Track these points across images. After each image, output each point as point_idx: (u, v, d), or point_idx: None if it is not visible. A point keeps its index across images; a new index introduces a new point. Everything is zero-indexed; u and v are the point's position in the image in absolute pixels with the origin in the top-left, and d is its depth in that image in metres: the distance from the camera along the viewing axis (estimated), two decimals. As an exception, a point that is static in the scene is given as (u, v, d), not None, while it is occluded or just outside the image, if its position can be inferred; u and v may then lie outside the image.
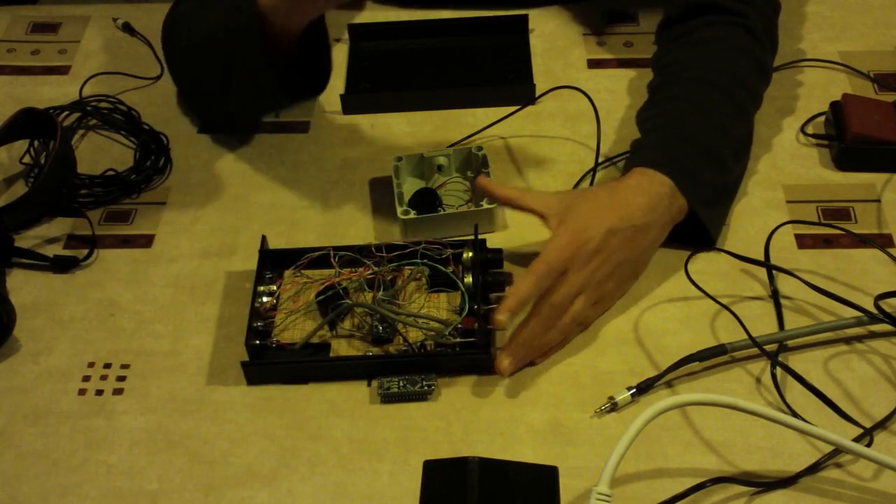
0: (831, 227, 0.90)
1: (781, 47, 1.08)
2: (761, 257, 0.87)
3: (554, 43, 1.11)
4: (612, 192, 0.82)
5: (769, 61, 0.98)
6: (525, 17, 1.12)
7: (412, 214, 0.90)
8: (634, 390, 0.79)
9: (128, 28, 1.13)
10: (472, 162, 0.94)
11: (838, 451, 0.74)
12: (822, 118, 1.00)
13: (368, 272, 0.84)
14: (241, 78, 0.93)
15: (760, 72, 0.96)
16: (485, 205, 0.89)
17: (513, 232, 0.92)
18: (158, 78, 1.10)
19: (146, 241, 0.94)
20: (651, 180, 0.83)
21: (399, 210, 0.90)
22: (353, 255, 0.85)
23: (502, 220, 0.92)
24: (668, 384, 0.80)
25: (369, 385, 0.81)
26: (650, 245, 0.84)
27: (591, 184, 0.94)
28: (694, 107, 0.89)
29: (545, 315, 0.79)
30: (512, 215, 0.93)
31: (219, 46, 0.93)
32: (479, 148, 0.93)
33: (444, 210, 0.91)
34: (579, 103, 1.01)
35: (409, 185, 0.94)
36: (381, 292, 0.83)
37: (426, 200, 0.91)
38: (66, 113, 1.05)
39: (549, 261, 0.78)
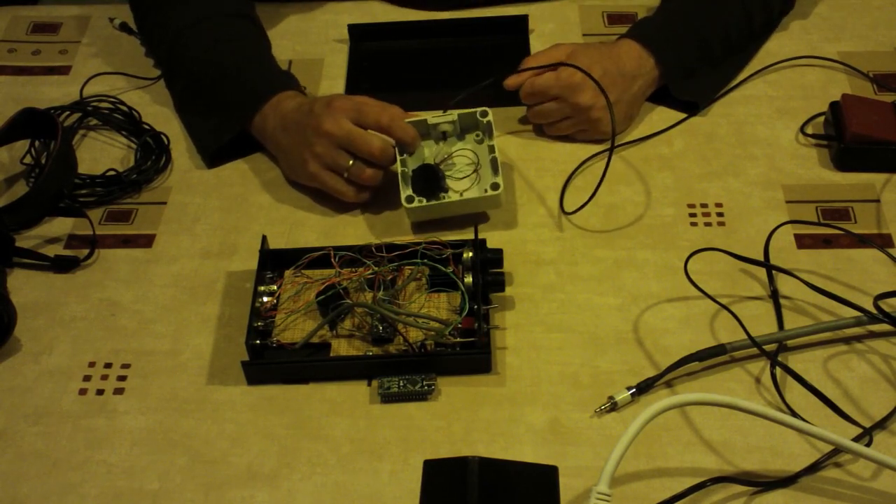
0: (831, 227, 0.90)
1: (781, 47, 1.08)
2: (761, 257, 0.87)
3: (554, 43, 1.11)
4: (610, 48, 0.99)
5: None
6: (525, 18, 1.12)
7: (415, 203, 0.89)
8: (634, 390, 0.79)
9: (125, 28, 1.13)
10: (478, 129, 0.93)
11: (838, 450, 0.74)
12: (822, 118, 1.00)
13: (368, 272, 0.84)
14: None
15: None
16: (489, 191, 0.89)
17: (513, 233, 0.92)
18: (159, 78, 1.10)
19: (147, 241, 0.94)
20: (640, 51, 0.99)
21: (403, 196, 0.89)
22: (353, 255, 0.85)
23: (506, 202, 0.93)
24: (668, 384, 0.80)
25: (369, 385, 0.81)
26: (638, 93, 0.99)
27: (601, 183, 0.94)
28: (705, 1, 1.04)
29: (553, 108, 0.96)
30: (523, 217, 0.93)
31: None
32: (485, 113, 0.91)
33: (447, 192, 0.90)
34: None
35: (414, 154, 0.92)
36: (381, 292, 0.83)
37: (430, 179, 0.90)
38: (67, 113, 1.05)
39: (561, 77, 0.95)
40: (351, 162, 0.90)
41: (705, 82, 1.03)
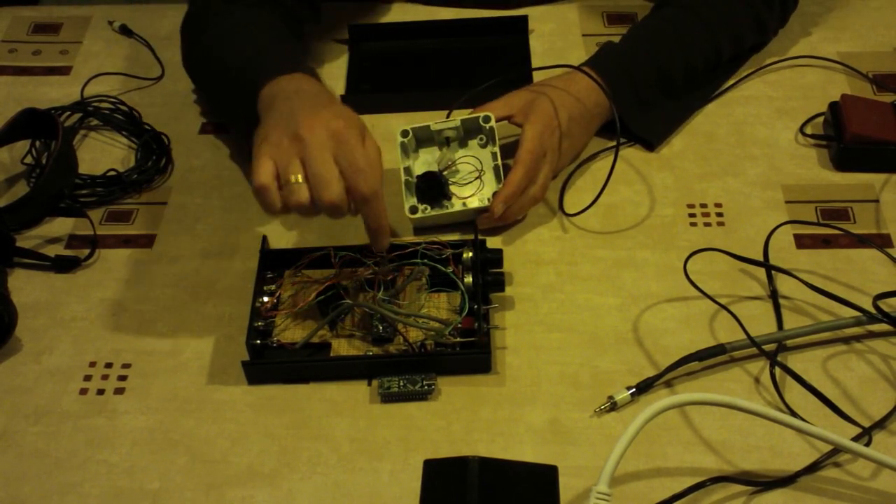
0: (830, 228, 0.90)
1: (781, 47, 1.08)
2: (760, 257, 0.87)
3: (553, 44, 1.11)
4: (569, 84, 0.95)
5: (769, 21, 1.06)
6: (525, 18, 1.12)
7: (419, 214, 0.89)
8: (634, 390, 0.79)
9: (125, 30, 1.13)
10: (481, 133, 0.92)
11: (837, 450, 0.74)
12: (821, 119, 1.00)
13: (368, 272, 0.85)
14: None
15: (755, 25, 1.05)
16: (491, 201, 0.89)
17: (513, 233, 0.92)
18: (159, 78, 1.10)
19: (147, 241, 0.94)
20: (599, 85, 0.95)
21: (406, 206, 0.89)
22: (354, 255, 0.86)
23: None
24: (668, 384, 0.80)
25: (369, 385, 0.81)
26: (596, 128, 0.98)
27: (607, 183, 0.94)
28: (669, 29, 1.00)
29: (532, 195, 0.90)
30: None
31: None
32: (487, 119, 0.91)
33: (450, 200, 0.90)
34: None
35: (418, 160, 0.92)
36: (381, 292, 0.83)
37: (433, 187, 0.89)
38: (68, 113, 1.05)
39: (532, 149, 0.89)
40: (300, 178, 0.76)
41: (663, 117, 1.00)
